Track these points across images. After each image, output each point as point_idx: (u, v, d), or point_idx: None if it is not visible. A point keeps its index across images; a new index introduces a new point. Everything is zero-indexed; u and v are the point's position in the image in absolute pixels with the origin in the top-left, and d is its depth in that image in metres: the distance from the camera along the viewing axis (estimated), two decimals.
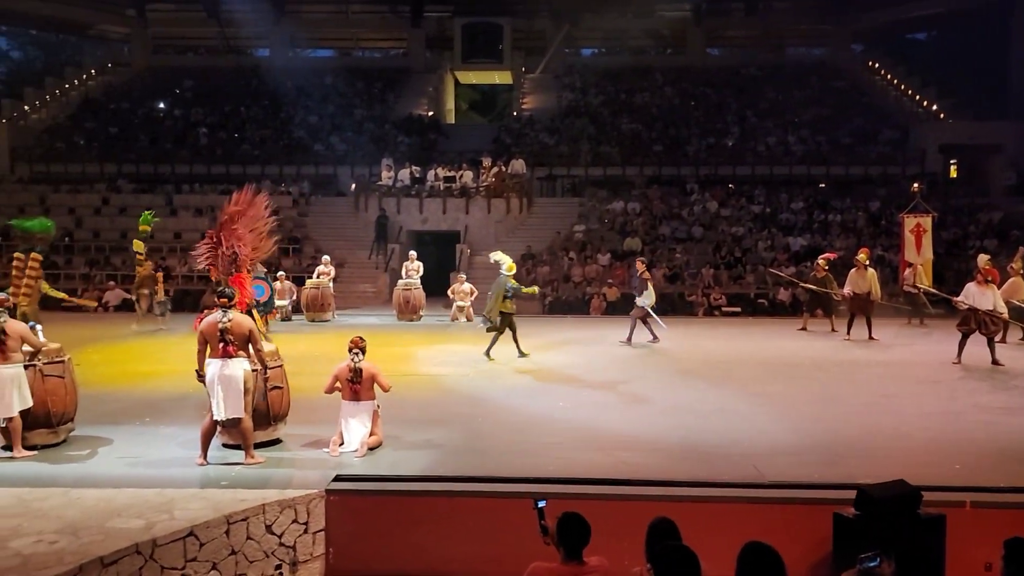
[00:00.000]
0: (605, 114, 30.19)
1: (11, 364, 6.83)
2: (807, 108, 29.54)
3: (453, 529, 5.97)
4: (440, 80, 34.93)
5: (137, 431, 7.72)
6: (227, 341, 6.68)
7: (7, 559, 4.75)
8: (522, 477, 6.25)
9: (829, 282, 15.02)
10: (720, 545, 4.43)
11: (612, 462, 6.78)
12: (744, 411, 8.72)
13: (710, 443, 7.41)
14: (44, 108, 31.97)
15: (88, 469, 6.58)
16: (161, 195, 25.27)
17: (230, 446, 7.02)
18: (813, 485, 6.12)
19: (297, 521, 5.88)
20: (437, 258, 22.58)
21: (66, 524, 5.29)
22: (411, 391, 9.43)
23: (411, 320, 17.03)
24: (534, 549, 4.50)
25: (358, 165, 26.76)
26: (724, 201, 24.25)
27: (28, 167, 27.82)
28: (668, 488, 6.02)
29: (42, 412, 7.04)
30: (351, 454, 6.90)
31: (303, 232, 23.58)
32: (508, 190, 23.71)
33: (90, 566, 4.76)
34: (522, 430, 7.94)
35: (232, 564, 5.53)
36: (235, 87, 32.92)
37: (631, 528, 5.40)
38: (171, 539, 5.21)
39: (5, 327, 6.81)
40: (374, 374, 7.16)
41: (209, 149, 28.36)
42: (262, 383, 7.09)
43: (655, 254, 21.48)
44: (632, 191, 25.05)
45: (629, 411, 8.79)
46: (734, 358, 12.35)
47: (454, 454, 7.05)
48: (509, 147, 27.59)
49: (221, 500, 5.78)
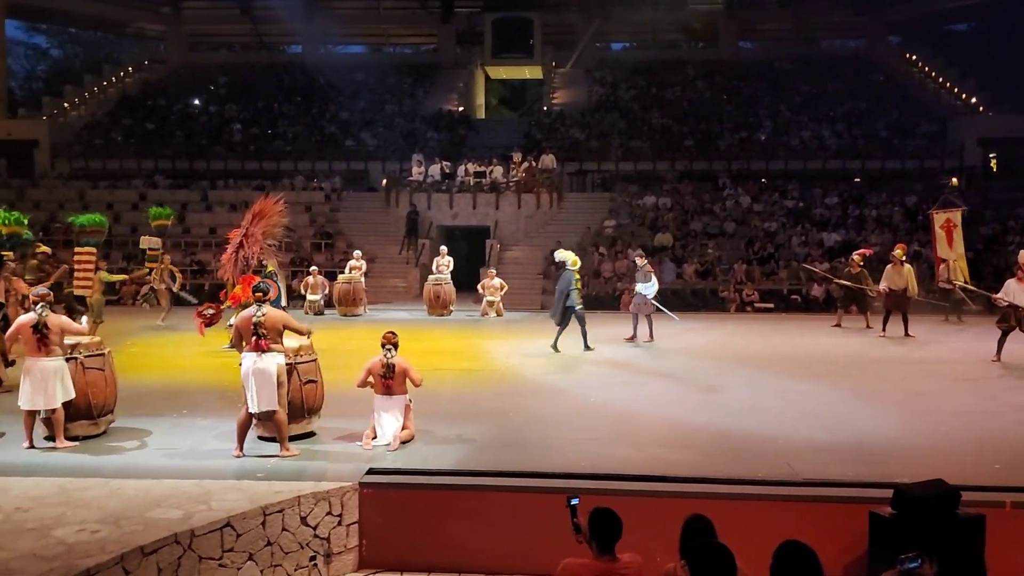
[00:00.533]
0: (636, 108, 30.02)
1: (53, 357, 6.98)
2: (842, 101, 29.10)
3: (485, 524, 6.00)
4: (470, 75, 34.99)
5: (175, 423, 7.86)
6: (260, 335, 6.77)
7: (51, 547, 4.87)
8: (554, 472, 6.25)
9: (864, 278, 14.81)
10: (754, 543, 4.40)
11: (645, 458, 6.76)
12: (778, 408, 8.63)
13: (743, 440, 7.36)
14: (83, 105, 32.57)
15: (128, 460, 6.71)
16: (196, 191, 25.62)
17: (265, 438, 7.12)
18: (849, 483, 6.05)
19: (331, 513, 5.95)
20: (467, 253, 22.67)
21: (107, 514, 5.40)
22: (442, 386, 9.48)
23: (441, 315, 17.10)
24: (566, 545, 4.51)
25: (389, 161, 26.92)
26: (757, 196, 23.98)
27: (68, 163, 28.36)
28: (701, 485, 5.98)
29: (83, 404, 7.19)
30: (384, 448, 6.96)
31: (335, 227, 23.77)
32: (538, 185, 23.68)
33: (131, 555, 4.86)
34: (553, 425, 7.95)
35: (268, 555, 5.61)
36: (268, 83, 33.26)
37: (664, 525, 5.38)
38: (209, 529, 5.30)
39: (46, 321, 6.96)
40: (406, 369, 7.21)
41: (243, 145, 28.70)
42: (296, 376, 7.18)
43: (686, 249, 21.34)
44: (663, 186, 24.88)
45: (661, 407, 8.75)
46: (767, 355, 12.24)
47: (485, 449, 7.07)
48: (539, 142, 27.55)
49: (257, 492, 5.87)
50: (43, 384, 6.88)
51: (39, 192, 25.73)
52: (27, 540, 4.96)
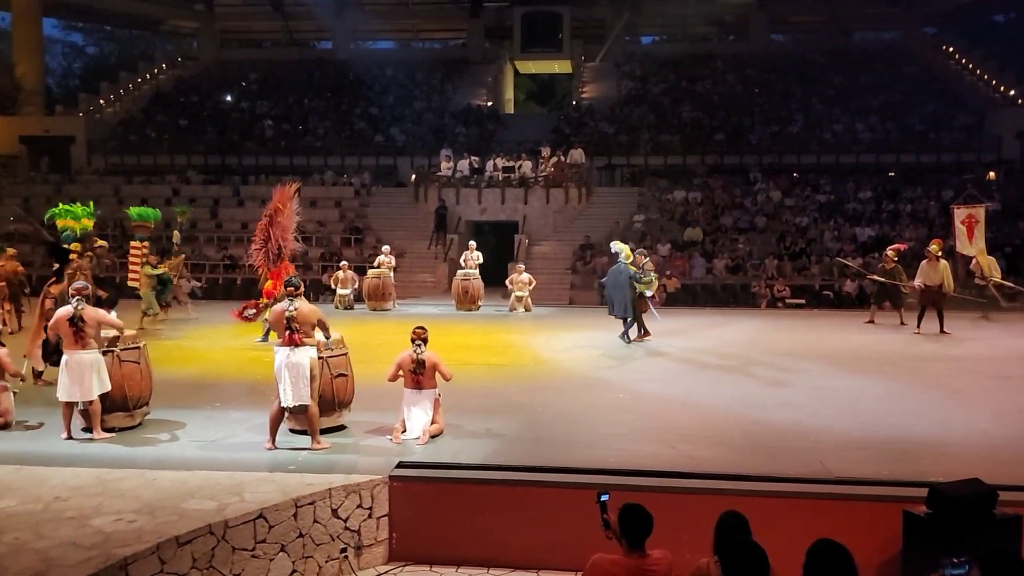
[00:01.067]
0: (666, 102, 29.82)
1: (90, 350, 7.11)
2: (876, 94, 28.66)
3: (514, 518, 6.01)
4: (499, 70, 34.98)
5: (208, 415, 7.96)
6: (293, 329, 6.83)
7: (90, 536, 4.96)
8: (584, 468, 6.24)
9: (898, 274, 14.58)
10: (785, 541, 4.36)
11: (675, 455, 6.73)
12: (810, 405, 8.54)
13: (775, 437, 7.29)
14: (118, 102, 33.12)
15: (163, 451, 6.82)
16: (228, 186, 25.92)
17: (297, 431, 7.19)
18: (882, 482, 5.96)
19: (362, 506, 5.99)
20: (495, 248, 22.69)
21: (143, 504, 5.49)
22: (470, 380, 9.49)
23: (470, 310, 17.14)
24: (595, 540, 4.50)
25: (418, 156, 27.05)
26: (788, 190, 23.71)
27: (103, 159, 28.86)
28: (732, 482, 5.93)
29: (119, 396, 7.32)
30: (413, 441, 6.99)
31: (364, 222, 23.92)
32: (567, 180, 23.62)
33: (166, 545, 4.93)
34: (582, 421, 7.93)
35: (299, 546, 5.67)
36: (299, 79, 33.54)
37: (694, 521, 5.36)
38: (242, 521, 5.36)
39: (83, 314, 7.08)
40: (436, 363, 7.23)
41: (274, 141, 28.98)
42: (327, 370, 7.24)
43: (717, 244, 21.16)
44: (693, 180, 24.71)
45: (691, 403, 8.69)
46: (798, 351, 12.10)
47: (514, 443, 7.08)
48: (568, 136, 27.48)
49: (289, 484, 5.93)
50: (80, 376, 7.01)
51: (75, 188, 26.13)
52: (66, 529, 5.06)
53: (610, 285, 12.61)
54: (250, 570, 5.40)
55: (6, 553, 4.71)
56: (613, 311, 12.61)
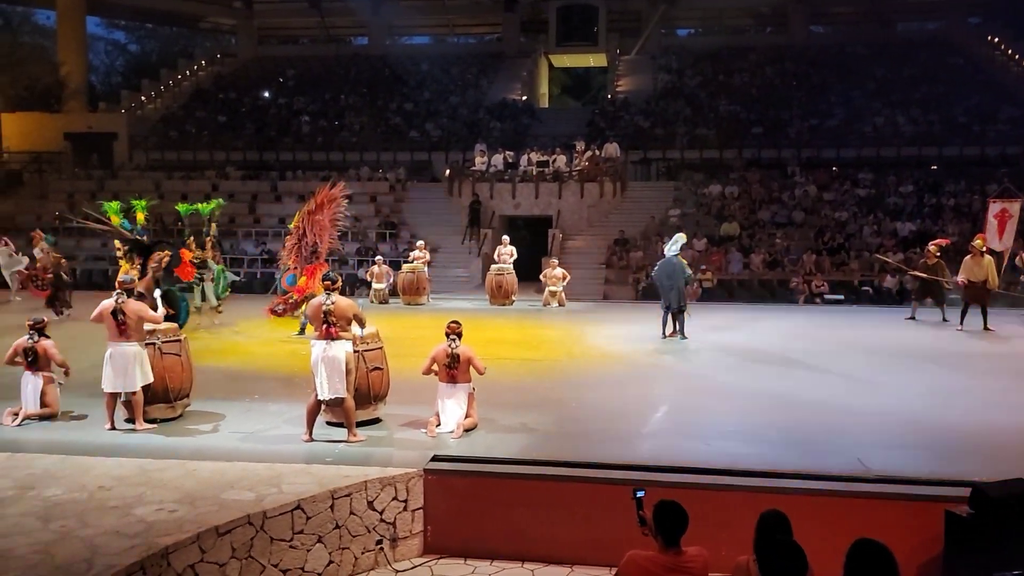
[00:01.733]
0: (702, 96, 29.52)
1: (132, 342, 7.25)
2: (918, 86, 28.08)
3: (548, 513, 6.01)
4: (534, 64, 34.92)
5: (247, 407, 8.08)
6: (330, 323, 6.90)
7: (132, 524, 5.07)
8: (619, 464, 6.22)
9: (941, 269, 14.28)
10: (823, 540, 4.32)
11: (710, 451, 6.68)
12: (848, 403, 8.41)
13: (813, 434, 7.19)
14: (159, 98, 33.71)
15: (203, 442, 6.94)
16: (267, 181, 26.24)
17: (333, 424, 7.27)
18: (924, 481, 5.85)
19: (397, 498, 6.04)
20: (529, 243, 22.67)
21: (184, 494, 5.59)
22: (505, 375, 9.51)
23: (503, 305, 17.16)
24: (630, 536, 4.49)
25: (452, 151, 27.11)
26: (827, 184, 23.34)
27: (144, 155, 29.39)
28: (770, 480, 5.87)
29: (161, 388, 7.46)
30: (448, 435, 7.03)
31: (399, 217, 24.06)
32: (601, 174, 23.51)
33: (206, 535, 5.03)
34: (616, 416, 7.90)
35: (336, 538, 5.74)
36: (335, 75, 33.83)
37: (731, 519, 5.34)
38: (280, 512, 5.44)
39: (123, 307, 7.21)
40: (470, 358, 7.26)
41: (311, 137, 29.27)
42: (363, 364, 7.31)
43: (754, 239, 20.92)
44: (730, 174, 24.44)
45: (727, 400, 8.61)
46: (837, 347, 11.94)
47: (548, 438, 7.08)
48: (603, 131, 27.35)
49: (326, 476, 6.00)
50: (123, 368, 7.15)
51: (118, 183, 26.67)
52: (110, 518, 5.18)
53: (663, 278, 12.45)
54: (288, 560, 5.48)
55: (53, 540, 4.84)
56: (672, 305, 12.42)
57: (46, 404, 7.61)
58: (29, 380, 7.60)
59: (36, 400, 7.56)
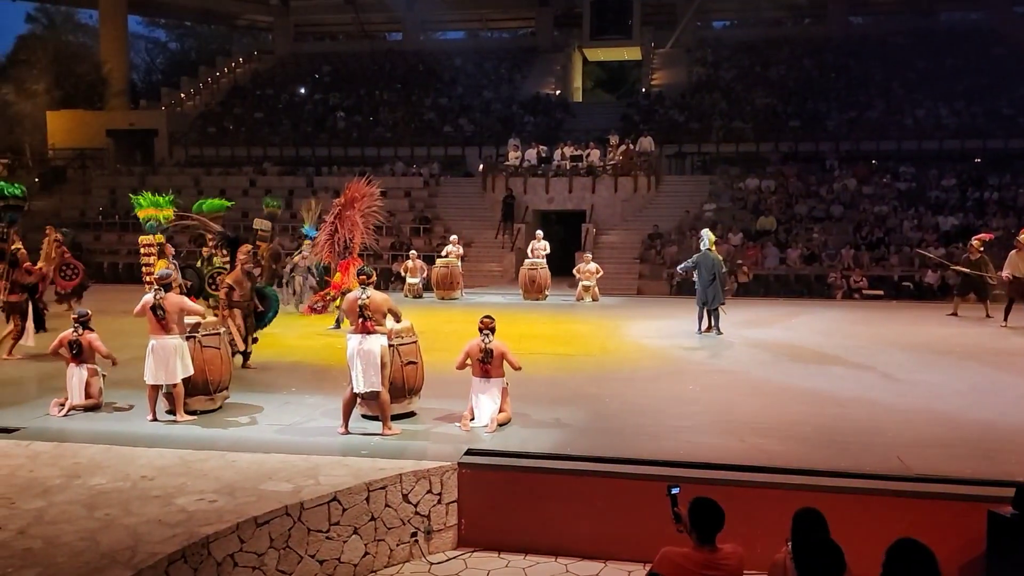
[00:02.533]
0: (738, 88, 29.19)
1: (173, 335, 7.39)
2: (961, 77, 27.44)
3: (583, 508, 6.01)
4: (567, 58, 34.81)
5: (284, 400, 8.20)
6: (365, 317, 6.95)
7: (174, 514, 5.18)
8: (654, 460, 6.19)
9: (984, 264, 13.99)
10: (860, 539, 4.27)
11: (745, 448, 6.62)
12: (887, 400, 8.28)
13: (850, 432, 7.09)
14: (198, 96, 34.25)
15: (242, 434, 7.06)
16: (303, 177, 26.53)
17: (368, 417, 7.34)
18: (965, 480, 5.74)
19: (431, 492, 6.08)
20: (563, 238, 22.64)
21: (224, 485, 5.69)
22: (538, 370, 9.52)
23: (537, 299, 17.17)
24: (664, 532, 4.48)
25: (486, 146, 27.17)
26: (866, 178, 22.96)
27: (184, 151, 29.89)
28: (805, 477, 5.80)
29: (201, 380, 7.60)
30: (481, 429, 7.06)
31: (433, 212, 24.17)
32: (636, 168, 23.39)
33: (246, 525, 5.11)
34: (650, 412, 7.87)
35: (371, 529, 5.80)
36: (370, 71, 34.06)
37: (765, 516, 5.29)
38: (317, 503, 5.51)
39: (162, 302, 7.35)
40: (504, 353, 7.28)
41: (346, 132, 29.52)
42: (398, 358, 7.36)
43: (791, 234, 20.66)
44: (766, 168, 24.16)
45: (762, 396, 8.53)
46: (875, 343, 11.75)
47: (582, 434, 7.07)
48: (637, 124, 27.19)
49: (362, 468, 6.06)
50: (165, 361, 7.30)
51: (158, 179, 27.15)
52: (153, 507, 5.29)
53: (705, 272, 12.34)
54: (324, 551, 5.55)
55: (98, 528, 4.96)
56: (709, 301, 12.33)
57: (90, 395, 7.80)
58: (74, 372, 7.78)
59: (81, 391, 7.75)
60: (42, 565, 4.46)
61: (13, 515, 5.15)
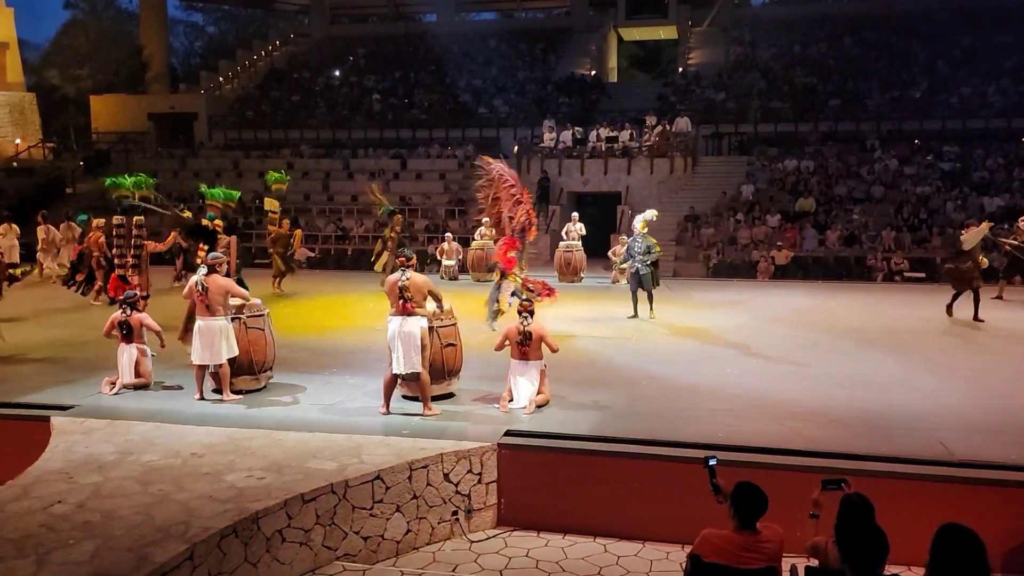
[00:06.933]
0: (776, 68, 28.69)
1: (218, 317, 7.54)
2: (1009, 55, 26.62)
3: (621, 490, 6.06)
4: (603, 38, 34.44)
5: (326, 380, 8.36)
6: (406, 298, 7.03)
7: (225, 490, 5.34)
8: (693, 443, 6.21)
9: None
10: (903, 524, 4.26)
11: (784, 432, 6.61)
12: (929, 385, 8.19)
13: (891, 417, 7.04)
14: (236, 79, 34.57)
15: (287, 413, 7.21)
16: (339, 160, 26.72)
17: (409, 398, 7.45)
18: (1011, 466, 5.68)
19: (472, 471, 6.18)
20: (598, 219, 22.54)
21: (271, 463, 5.84)
22: (575, 352, 9.58)
23: (572, 282, 17.14)
24: (702, 513, 4.51)
25: (520, 127, 27.05)
26: (908, 158, 22.48)
27: (223, 134, 30.24)
28: (846, 461, 5.78)
29: (246, 360, 7.76)
30: (520, 411, 7.13)
31: (467, 194, 24.16)
32: (672, 149, 23.17)
33: (293, 501, 5.25)
34: (687, 395, 7.88)
35: (413, 508, 5.91)
36: (404, 54, 34.05)
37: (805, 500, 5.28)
38: (361, 481, 5.64)
39: (204, 283, 7.50)
40: (543, 335, 7.33)
41: (381, 115, 29.62)
42: (437, 340, 7.45)
43: (830, 215, 20.35)
44: (805, 148, 23.78)
45: (801, 380, 8.47)
46: (917, 328, 11.58)
47: (620, 416, 7.11)
48: (674, 105, 26.90)
49: (403, 447, 6.18)
50: (211, 341, 7.46)
51: (198, 162, 27.61)
52: (203, 483, 5.46)
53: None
54: (368, 528, 5.68)
55: (153, 503, 5.13)
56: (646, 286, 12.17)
57: (140, 375, 8.01)
58: (124, 351, 8.00)
59: (131, 370, 7.96)
60: (101, 537, 4.63)
61: (72, 489, 5.35)
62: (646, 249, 12.06)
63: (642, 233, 12.20)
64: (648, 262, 12.03)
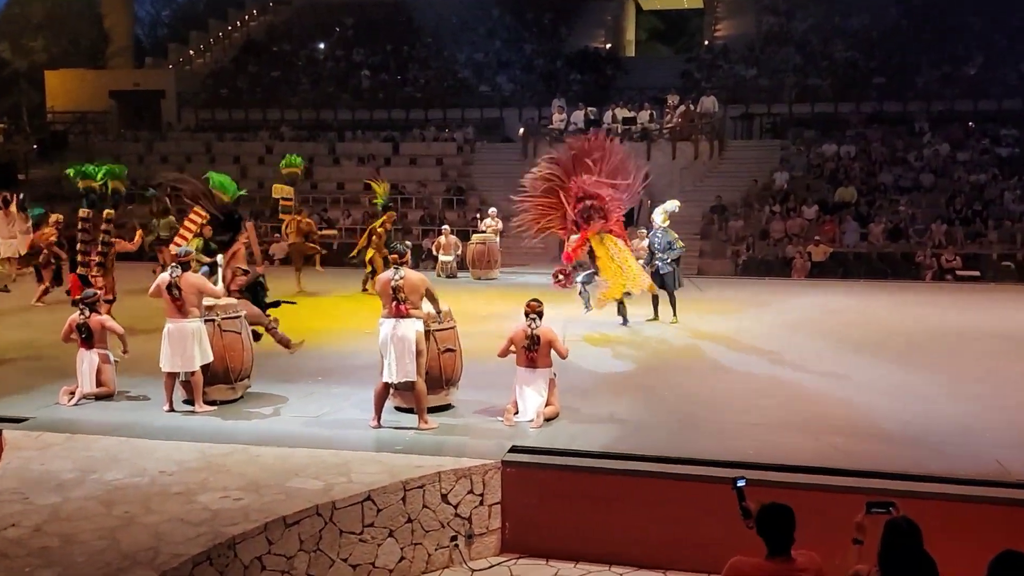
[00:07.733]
0: (814, 41, 28.72)
1: (191, 319, 7.58)
2: None
3: (639, 512, 6.09)
4: (619, 7, 34.49)
5: (310, 389, 8.39)
6: (400, 299, 7.01)
7: (197, 512, 5.37)
8: (717, 460, 6.24)
9: None
10: (955, 551, 4.27)
11: (821, 447, 6.63)
12: (984, 396, 8.20)
13: (941, 432, 7.06)
14: (208, 52, 34.62)
15: (266, 426, 7.26)
16: (324, 143, 26.76)
17: (403, 409, 7.47)
18: None
19: (473, 492, 6.20)
20: None
21: (249, 481, 5.88)
22: (587, 358, 9.60)
23: None
24: (730, 539, 4.53)
25: (527, 107, 27.09)
26: (961, 143, 22.52)
27: (194, 114, 30.31)
28: (890, 481, 5.80)
29: (220, 368, 7.79)
30: (527, 424, 7.15)
31: (467, 182, 24.25)
32: (696, 132, 23.20)
33: (274, 525, 5.29)
34: (712, 406, 7.91)
35: (408, 532, 5.94)
36: (397, 24, 34.03)
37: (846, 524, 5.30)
38: (350, 503, 5.67)
39: (178, 282, 7.53)
40: (551, 340, 7.33)
41: (371, 93, 29.67)
42: (434, 345, 7.46)
43: (873, 206, 20.39)
44: (846, 131, 23.81)
45: (839, 391, 8.49)
46: (970, 332, 11.59)
47: (638, 430, 7.14)
48: (699, 82, 26.95)
49: (396, 465, 6.21)
50: (182, 346, 7.49)
51: (165, 145, 27.65)
52: (174, 504, 5.50)
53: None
54: (357, 555, 5.72)
55: (118, 526, 5.17)
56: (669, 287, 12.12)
57: (102, 383, 8.05)
58: (84, 357, 8.03)
59: (92, 378, 7.99)
60: (61, 565, 4.67)
61: (28, 511, 5.39)
62: (667, 244, 12.06)
63: (663, 227, 12.19)
64: (669, 259, 12.02)
